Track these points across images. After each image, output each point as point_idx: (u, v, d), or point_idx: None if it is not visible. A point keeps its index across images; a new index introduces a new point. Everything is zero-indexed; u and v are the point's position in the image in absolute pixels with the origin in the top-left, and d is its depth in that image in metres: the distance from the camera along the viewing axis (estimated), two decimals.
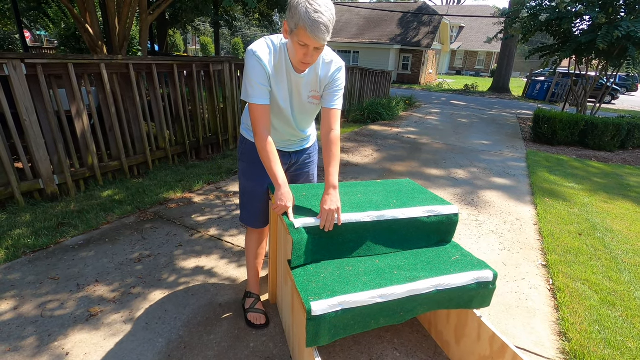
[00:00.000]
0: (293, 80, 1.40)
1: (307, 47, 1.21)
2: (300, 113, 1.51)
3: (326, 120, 1.46)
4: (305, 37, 1.18)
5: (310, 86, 1.43)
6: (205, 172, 3.71)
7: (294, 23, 1.18)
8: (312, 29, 1.15)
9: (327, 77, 1.43)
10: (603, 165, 5.34)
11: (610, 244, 2.73)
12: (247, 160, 1.61)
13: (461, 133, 6.92)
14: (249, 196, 1.66)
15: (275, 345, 1.60)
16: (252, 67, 1.32)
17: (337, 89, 1.44)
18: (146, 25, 5.01)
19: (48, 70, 2.72)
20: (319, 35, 1.17)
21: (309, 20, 1.14)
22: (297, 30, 1.18)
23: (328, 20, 1.17)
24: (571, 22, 6.39)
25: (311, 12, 1.14)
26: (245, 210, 1.69)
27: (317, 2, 1.15)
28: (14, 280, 1.92)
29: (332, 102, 1.45)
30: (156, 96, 3.63)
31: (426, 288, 1.25)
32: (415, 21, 20.97)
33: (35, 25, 13.84)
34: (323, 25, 1.16)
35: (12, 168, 2.61)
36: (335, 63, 1.43)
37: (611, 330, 1.80)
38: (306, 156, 1.74)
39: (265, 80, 1.33)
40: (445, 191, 3.65)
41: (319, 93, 1.46)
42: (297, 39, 1.20)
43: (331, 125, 1.45)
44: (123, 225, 2.57)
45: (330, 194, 1.37)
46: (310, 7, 1.14)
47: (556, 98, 14.54)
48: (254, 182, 1.61)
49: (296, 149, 1.67)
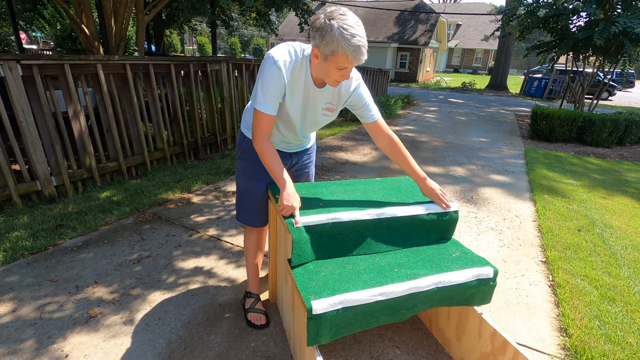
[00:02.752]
0: (311, 94, 1.37)
1: (347, 69, 1.21)
2: (310, 123, 1.50)
3: (377, 133, 1.50)
4: (346, 62, 1.17)
5: (327, 99, 1.41)
6: (204, 172, 3.70)
7: (330, 50, 1.15)
8: (355, 54, 1.14)
9: (347, 94, 1.42)
10: (601, 161, 5.35)
11: (609, 240, 2.73)
12: (246, 158, 1.59)
13: (459, 130, 6.92)
14: (247, 195, 1.64)
15: (276, 345, 1.59)
16: (269, 75, 1.27)
17: (368, 104, 1.46)
18: (143, 25, 4.98)
19: (44, 71, 2.70)
20: (361, 58, 1.16)
21: (349, 47, 1.12)
22: (336, 57, 1.16)
23: (365, 39, 1.16)
24: (568, 19, 6.41)
25: (349, 38, 1.12)
26: (243, 210, 1.67)
27: (349, 24, 1.12)
28: (12, 282, 1.91)
29: (371, 116, 1.48)
30: (153, 96, 3.62)
31: (427, 285, 1.24)
32: (412, 19, 20.96)
33: (30, 27, 13.78)
34: (363, 47, 1.15)
35: (9, 170, 2.60)
36: (355, 80, 1.42)
37: (611, 326, 1.80)
38: (306, 157, 1.73)
39: (280, 91, 1.30)
40: (445, 188, 3.65)
41: (334, 106, 1.45)
42: (336, 65, 1.18)
43: (387, 135, 1.50)
44: (122, 227, 2.56)
45: (429, 183, 1.50)
46: (347, 32, 1.12)
47: (554, 95, 14.57)
48: (253, 182, 1.60)
49: (296, 150, 1.66)
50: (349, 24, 1.12)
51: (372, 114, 1.47)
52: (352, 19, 1.14)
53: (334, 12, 1.15)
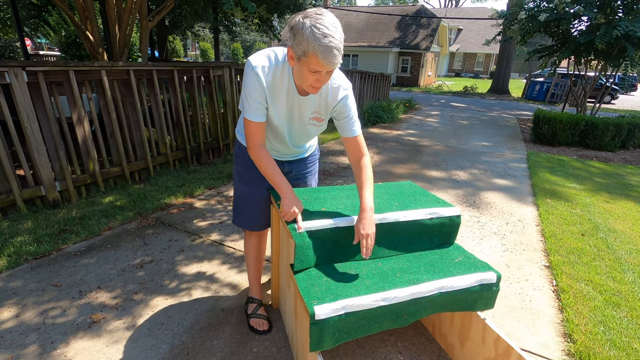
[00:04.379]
0: (295, 101, 1.32)
1: (320, 73, 1.13)
2: (298, 133, 1.45)
3: (353, 150, 1.42)
4: (317, 64, 1.09)
5: (313, 107, 1.36)
6: (207, 177, 3.72)
7: (302, 50, 1.08)
8: (325, 55, 1.06)
9: (333, 103, 1.36)
10: (604, 165, 5.33)
11: (613, 244, 2.72)
12: (242, 164, 1.57)
13: (461, 135, 6.92)
14: (245, 200, 1.62)
15: (278, 350, 1.59)
16: (249, 82, 1.24)
17: (352, 117, 1.39)
18: (146, 31, 5.03)
19: (49, 78, 2.73)
20: (332, 61, 1.08)
21: (319, 46, 1.05)
22: (307, 57, 1.09)
23: (339, 42, 1.08)
24: (569, 23, 6.42)
25: (320, 37, 1.04)
26: (240, 214, 1.66)
27: (323, 23, 1.05)
28: (16, 287, 1.92)
29: (351, 130, 1.40)
30: (157, 102, 3.64)
31: (429, 290, 1.24)
32: (413, 24, 21.04)
33: (36, 33, 13.92)
34: (335, 49, 1.07)
35: (14, 175, 2.62)
36: (343, 89, 1.35)
37: (616, 331, 1.78)
38: (303, 166, 1.68)
39: (262, 97, 1.27)
40: (447, 193, 3.64)
41: (321, 116, 1.40)
42: (308, 67, 1.11)
43: (360, 153, 1.42)
44: (125, 231, 2.57)
45: (366, 217, 1.29)
46: (318, 31, 1.04)
47: (556, 99, 14.55)
48: (250, 186, 1.58)
49: (290, 159, 1.62)
50: (322, 23, 1.05)
51: (354, 128, 1.40)
52: (327, 20, 1.07)
53: (310, 11, 1.09)
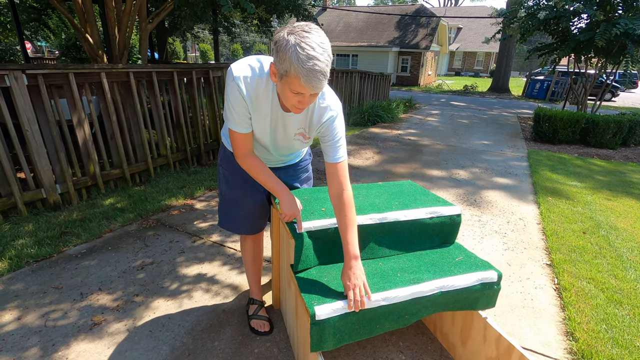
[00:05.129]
0: (279, 116, 1.24)
1: (303, 95, 1.04)
2: (283, 147, 1.39)
3: (334, 179, 1.25)
4: (298, 87, 1.00)
5: (299, 124, 1.27)
6: (207, 178, 3.72)
7: (284, 69, 0.99)
8: (307, 79, 0.97)
9: (319, 123, 1.25)
10: (605, 162, 5.32)
11: (615, 242, 2.71)
12: (228, 168, 1.52)
13: (462, 134, 6.91)
14: (230, 203, 1.58)
15: (279, 351, 1.59)
16: (231, 93, 1.16)
17: (337, 140, 1.25)
18: (146, 33, 5.04)
19: (49, 80, 2.73)
20: (315, 85, 0.99)
21: (302, 69, 0.95)
22: (289, 78, 0.99)
23: (325, 65, 0.98)
24: (569, 21, 6.41)
25: (304, 59, 0.95)
26: (225, 217, 1.61)
27: (309, 43, 0.95)
28: (17, 290, 1.92)
29: (335, 156, 1.25)
30: (157, 104, 3.65)
31: (430, 290, 1.24)
32: (413, 23, 21.04)
33: (36, 36, 13.97)
34: (320, 74, 0.97)
35: (15, 178, 2.62)
36: (331, 110, 1.23)
37: (619, 329, 1.78)
38: (293, 172, 1.62)
39: (244, 109, 1.19)
40: (447, 192, 3.64)
41: (307, 133, 1.32)
42: (289, 87, 1.02)
43: (341, 185, 1.24)
44: (125, 233, 2.57)
45: (352, 267, 1.16)
46: (302, 52, 0.95)
47: (556, 97, 14.53)
48: (236, 191, 1.55)
49: (278, 166, 1.56)
50: (308, 43, 0.95)
51: (338, 154, 1.25)
52: (314, 39, 0.97)
53: (297, 27, 0.99)
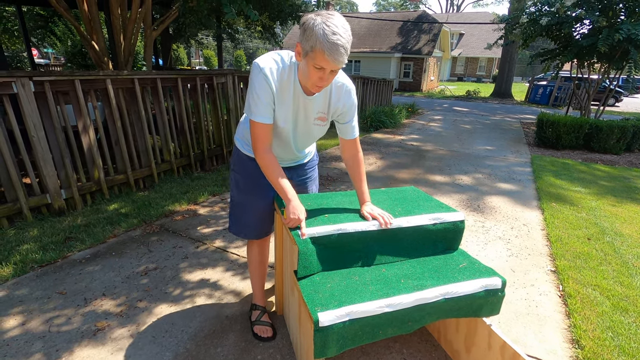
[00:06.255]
0: (301, 103, 1.35)
1: (324, 70, 1.17)
2: (303, 135, 1.47)
3: (349, 148, 1.50)
4: (322, 60, 1.13)
5: (319, 107, 1.39)
6: (210, 184, 3.73)
7: (310, 45, 1.13)
8: (331, 51, 1.11)
9: (338, 102, 1.40)
10: (609, 168, 5.29)
11: (620, 248, 2.69)
12: (240, 172, 1.56)
13: (464, 139, 6.91)
14: (241, 208, 1.61)
15: (282, 357, 1.58)
16: (258, 83, 1.26)
17: (353, 119, 1.45)
18: (151, 40, 5.09)
19: (55, 87, 2.77)
20: (337, 58, 1.13)
21: (327, 42, 1.09)
22: (314, 53, 1.13)
23: (346, 42, 1.13)
24: (571, 27, 6.42)
25: (329, 34, 1.09)
26: (236, 222, 1.64)
27: (334, 23, 1.11)
28: (22, 295, 1.93)
29: (352, 133, 1.48)
30: (161, 110, 3.68)
31: (434, 297, 1.24)
32: (415, 29, 21.15)
33: (42, 43, 14.15)
34: (342, 48, 1.12)
35: (21, 183, 2.65)
36: (347, 87, 1.40)
37: (625, 337, 1.76)
38: (303, 172, 1.68)
39: (270, 98, 1.29)
40: (451, 198, 3.63)
41: (326, 115, 1.43)
42: (314, 62, 1.15)
43: (356, 150, 1.51)
44: (129, 239, 2.59)
45: (369, 205, 1.46)
46: (328, 28, 1.10)
47: (559, 102, 14.50)
48: (247, 195, 1.57)
49: (289, 165, 1.61)
50: (333, 22, 1.11)
51: (354, 132, 1.48)
52: (338, 21, 1.13)
53: (323, 11, 1.15)
